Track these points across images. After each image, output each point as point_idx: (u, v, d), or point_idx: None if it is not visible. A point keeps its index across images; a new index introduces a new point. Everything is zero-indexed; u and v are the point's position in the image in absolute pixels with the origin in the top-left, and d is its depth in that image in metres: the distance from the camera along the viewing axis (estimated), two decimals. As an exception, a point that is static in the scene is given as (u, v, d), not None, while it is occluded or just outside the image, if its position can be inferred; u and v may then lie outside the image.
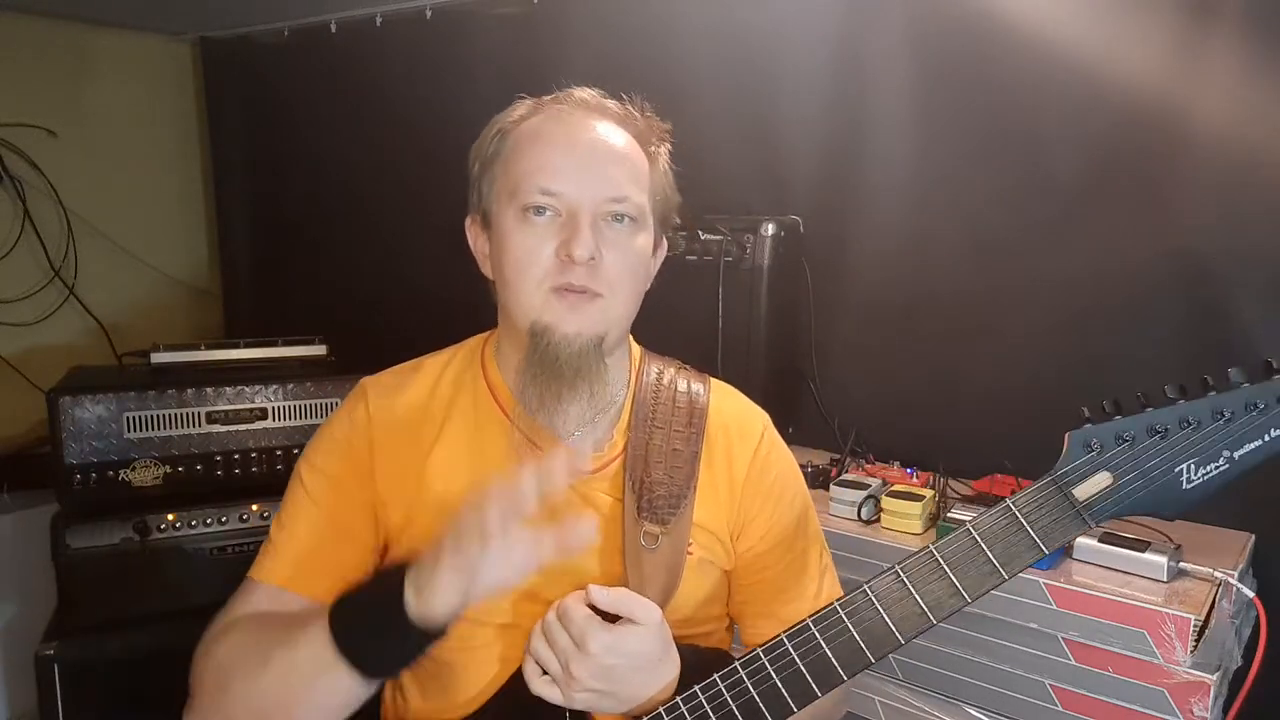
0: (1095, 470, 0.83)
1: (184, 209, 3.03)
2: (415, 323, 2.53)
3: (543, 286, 0.93)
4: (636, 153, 0.99)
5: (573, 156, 0.95)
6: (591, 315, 0.94)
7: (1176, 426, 0.81)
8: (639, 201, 0.97)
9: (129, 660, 1.79)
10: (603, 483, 1.01)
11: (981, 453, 1.69)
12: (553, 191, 0.93)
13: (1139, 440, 0.82)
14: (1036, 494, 0.84)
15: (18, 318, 2.57)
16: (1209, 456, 0.80)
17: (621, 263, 0.95)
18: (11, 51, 2.55)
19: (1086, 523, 0.82)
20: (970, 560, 0.83)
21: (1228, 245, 1.50)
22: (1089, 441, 0.83)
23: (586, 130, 0.97)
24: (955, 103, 1.75)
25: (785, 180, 1.97)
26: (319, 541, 0.99)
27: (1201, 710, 1.21)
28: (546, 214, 0.93)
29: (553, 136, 0.96)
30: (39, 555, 1.89)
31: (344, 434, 1.02)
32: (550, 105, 1.01)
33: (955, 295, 1.78)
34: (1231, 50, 1.46)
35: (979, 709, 1.40)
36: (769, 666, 0.86)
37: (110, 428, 1.84)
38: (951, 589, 0.83)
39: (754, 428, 1.10)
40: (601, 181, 0.94)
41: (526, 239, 0.94)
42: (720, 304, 1.76)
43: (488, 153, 1.01)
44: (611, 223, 0.95)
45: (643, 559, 0.96)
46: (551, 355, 0.93)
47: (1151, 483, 0.81)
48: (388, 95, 2.57)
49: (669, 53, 2.03)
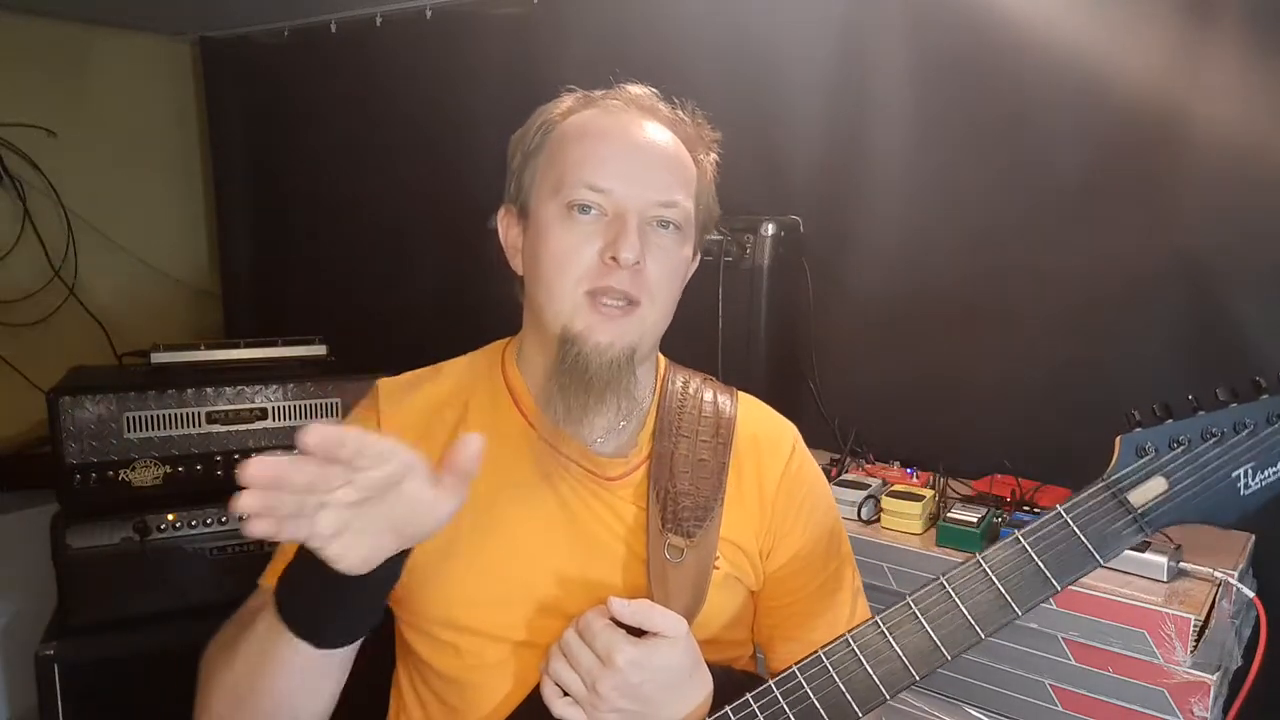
0: (1151, 475, 0.79)
1: (184, 209, 3.03)
2: (416, 323, 2.54)
3: (580, 288, 0.89)
4: (686, 158, 0.96)
5: (624, 154, 0.91)
6: (627, 326, 0.90)
7: (1232, 430, 0.78)
8: (686, 208, 0.93)
9: (129, 660, 1.79)
10: (627, 490, 0.97)
11: (981, 453, 1.69)
12: (601, 188, 0.89)
13: (1194, 444, 0.79)
14: (1089, 500, 0.80)
15: (18, 318, 2.57)
16: (1267, 461, 0.78)
17: (664, 271, 0.91)
18: (11, 51, 2.55)
19: (1144, 530, 0.79)
20: (1019, 570, 0.79)
21: (1228, 244, 1.50)
22: (1142, 445, 0.80)
23: (639, 129, 0.93)
24: (955, 103, 1.75)
25: (785, 180, 1.97)
26: None
27: (1201, 710, 1.21)
28: (592, 212, 0.89)
29: (604, 132, 0.92)
30: (39, 555, 1.89)
31: None
32: (601, 100, 0.96)
33: (955, 295, 1.78)
34: (1232, 50, 1.46)
35: (979, 709, 1.40)
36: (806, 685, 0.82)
37: (110, 428, 1.84)
38: (1000, 601, 0.79)
39: (784, 441, 1.06)
40: (652, 183, 0.90)
41: (569, 235, 0.89)
42: (720, 304, 1.76)
43: (531, 144, 0.96)
44: (658, 228, 0.91)
45: (667, 572, 0.91)
46: (582, 365, 0.89)
47: (1209, 488, 0.78)
48: (388, 95, 2.57)
49: (669, 52, 2.03)
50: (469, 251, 2.20)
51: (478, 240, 2.18)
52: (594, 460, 0.97)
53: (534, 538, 0.94)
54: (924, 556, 1.45)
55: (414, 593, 0.94)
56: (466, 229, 2.19)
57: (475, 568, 0.93)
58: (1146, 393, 1.58)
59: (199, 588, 1.84)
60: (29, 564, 2.15)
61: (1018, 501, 1.54)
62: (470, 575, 0.93)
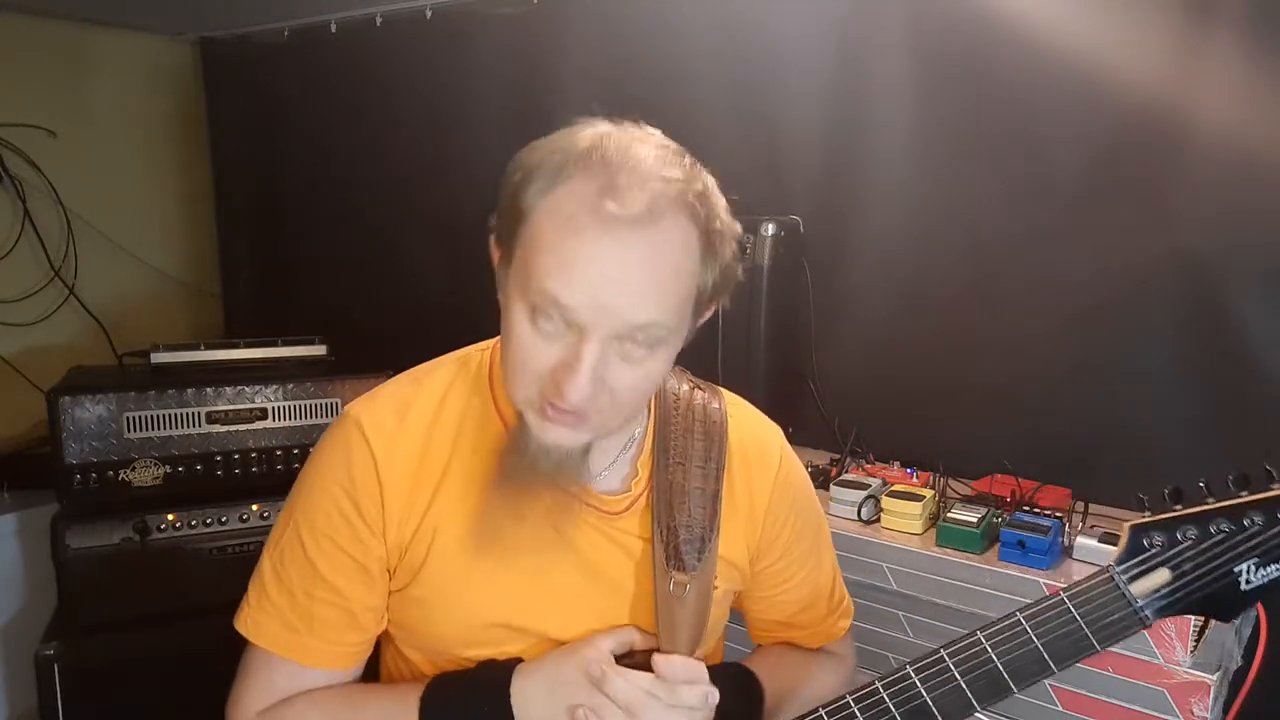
0: (1156, 567, 0.81)
1: (184, 209, 3.03)
2: (415, 323, 2.54)
3: (534, 387, 0.83)
4: (681, 256, 0.82)
5: (592, 267, 0.78)
6: (577, 433, 0.85)
7: (1239, 527, 0.79)
8: (666, 323, 0.82)
9: (129, 660, 1.79)
10: (631, 522, 0.97)
11: (981, 453, 1.69)
12: (562, 303, 0.78)
13: (1201, 539, 0.80)
14: (1093, 588, 0.82)
15: (18, 318, 2.57)
16: (1271, 557, 0.78)
17: (630, 381, 0.83)
18: (11, 51, 2.55)
19: (1144, 622, 0.80)
20: (1019, 651, 0.82)
21: (1228, 245, 1.50)
22: (1149, 536, 0.81)
23: (622, 249, 0.78)
24: (955, 103, 1.75)
25: (785, 180, 1.97)
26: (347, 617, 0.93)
27: (1201, 710, 1.21)
28: (555, 319, 0.80)
29: (580, 244, 0.78)
30: (39, 555, 1.89)
31: (345, 491, 0.92)
32: (596, 195, 0.79)
33: (955, 295, 1.78)
34: (1231, 50, 1.46)
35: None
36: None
37: (110, 428, 1.84)
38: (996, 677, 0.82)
39: (772, 449, 1.06)
40: (625, 309, 0.79)
41: (529, 338, 0.82)
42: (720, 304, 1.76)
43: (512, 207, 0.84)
44: (631, 346, 0.82)
45: (674, 610, 0.93)
46: (531, 459, 0.86)
47: (1212, 584, 0.79)
48: (388, 95, 2.57)
49: (669, 52, 2.03)
50: (469, 251, 2.20)
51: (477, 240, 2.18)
52: (596, 497, 0.96)
53: (543, 570, 0.94)
54: (924, 557, 1.45)
55: (424, 622, 0.94)
56: (466, 228, 2.19)
57: (481, 603, 0.93)
58: (1146, 393, 1.59)
59: (199, 588, 1.84)
60: (29, 564, 2.16)
61: (1018, 501, 1.54)
62: (482, 606, 0.93)
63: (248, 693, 0.93)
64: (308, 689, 0.93)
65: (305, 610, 0.92)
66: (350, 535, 0.91)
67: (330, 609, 0.92)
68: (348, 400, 1.99)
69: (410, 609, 0.94)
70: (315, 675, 0.93)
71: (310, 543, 0.92)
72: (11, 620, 2.15)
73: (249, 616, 0.94)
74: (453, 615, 0.93)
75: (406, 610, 0.95)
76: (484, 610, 0.93)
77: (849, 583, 1.14)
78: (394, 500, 0.91)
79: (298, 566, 0.93)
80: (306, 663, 0.92)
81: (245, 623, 0.94)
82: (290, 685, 0.93)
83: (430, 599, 0.93)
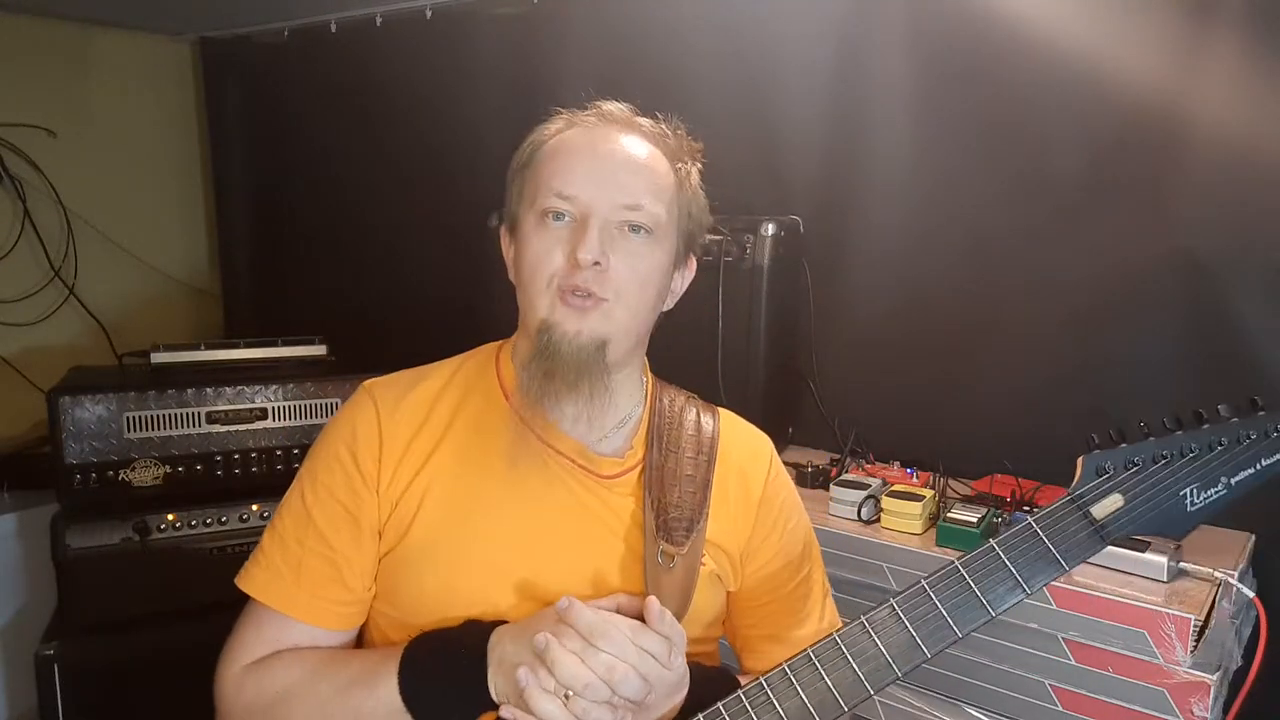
0: (1110, 492, 0.89)
1: (184, 209, 3.03)
2: (415, 323, 2.54)
3: (551, 287, 0.95)
4: (662, 167, 1.00)
5: (590, 162, 0.96)
6: (594, 319, 0.94)
7: (1179, 455, 0.89)
8: (655, 212, 0.97)
9: (129, 660, 1.79)
10: (624, 490, 1.01)
11: (981, 453, 1.69)
12: (566, 195, 0.95)
13: (1146, 465, 0.89)
14: (1058, 512, 0.89)
15: (18, 318, 2.57)
16: (1209, 482, 0.88)
17: (630, 271, 0.95)
18: (11, 51, 2.55)
19: (1103, 541, 0.88)
20: (993, 574, 0.87)
21: (1228, 245, 1.50)
22: (1101, 465, 0.89)
23: (609, 140, 0.99)
24: (955, 102, 1.75)
25: (785, 180, 1.97)
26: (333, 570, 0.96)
27: (1201, 710, 1.21)
28: (564, 219, 0.95)
29: (575, 146, 0.98)
30: (39, 555, 1.89)
31: (347, 446, 0.99)
32: (580, 118, 1.02)
33: (955, 295, 1.78)
34: (1232, 50, 1.46)
35: (979, 709, 1.40)
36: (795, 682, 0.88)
37: (110, 428, 1.84)
38: (975, 602, 0.87)
39: (764, 453, 1.12)
40: (616, 187, 0.95)
41: (542, 241, 0.95)
42: (720, 304, 1.76)
43: (519, 164, 1.03)
44: (627, 232, 0.96)
45: (660, 577, 0.96)
46: (553, 350, 0.94)
47: (1160, 505, 0.88)
48: (388, 95, 2.57)
49: (669, 52, 2.03)
50: (468, 251, 2.20)
51: (477, 240, 2.18)
52: (589, 458, 1.01)
53: (532, 530, 0.97)
54: (924, 556, 1.45)
55: (410, 583, 0.96)
56: (466, 229, 2.19)
57: (473, 559, 0.95)
58: (1146, 393, 1.60)
59: (199, 588, 1.84)
60: (29, 564, 2.16)
61: (1018, 501, 1.54)
62: (468, 566, 0.95)
63: (238, 646, 0.97)
64: (295, 645, 0.96)
65: (296, 559, 0.97)
66: (346, 486, 0.98)
67: (318, 559, 0.96)
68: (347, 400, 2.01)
69: (398, 572, 0.97)
70: (302, 630, 0.96)
71: (310, 494, 0.99)
72: (11, 620, 2.15)
73: (246, 569, 1.00)
74: (439, 576, 0.95)
75: (395, 574, 0.97)
76: (470, 570, 0.95)
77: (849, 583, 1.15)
78: (390, 456, 0.98)
79: (294, 516, 0.99)
80: (292, 614, 0.96)
81: (242, 575, 1.00)
82: (278, 638, 0.96)
83: (417, 560, 0.96)
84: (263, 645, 0.96)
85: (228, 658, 0.97)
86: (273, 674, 0.94)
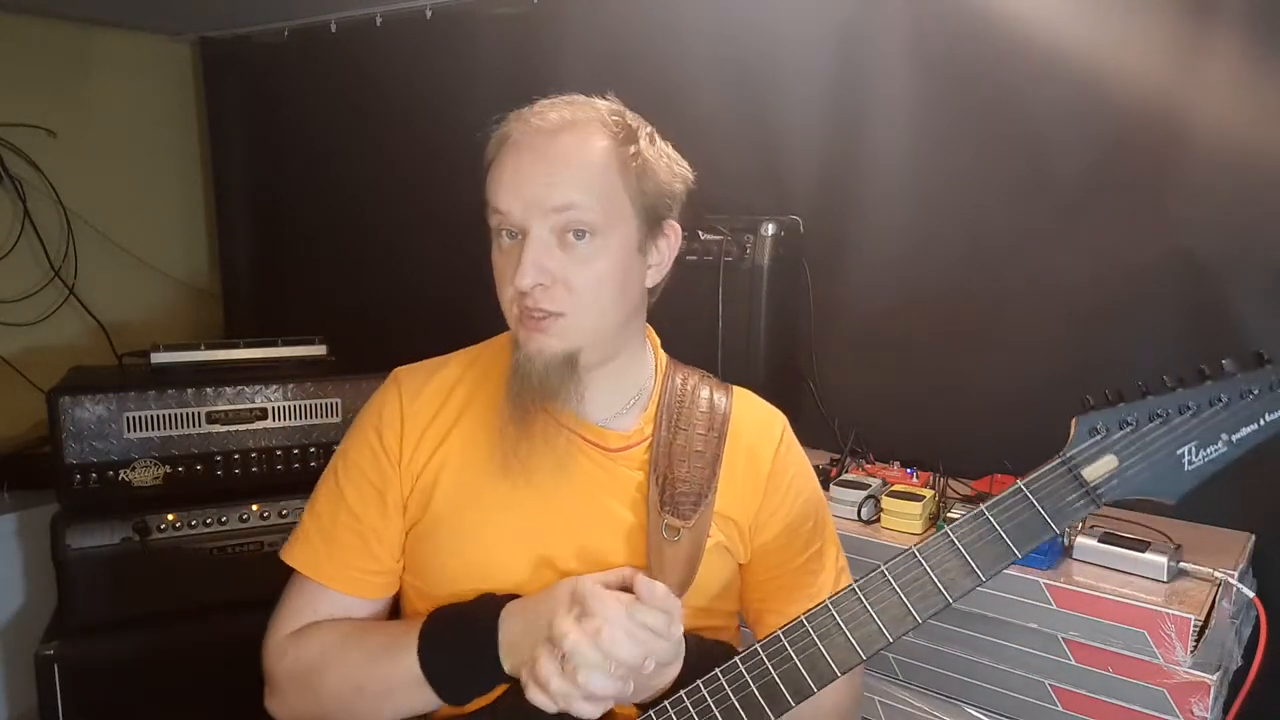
0: (1102, 453, 0.86)
1: (184, 209, 3.03)
2: (415, 323, 2.54)
3: (513, 307, 0.96)
4: (595, 155, 0.95)
5: (514, 173, 0.94)
6: (553, 336, 0.95)
7: (1176, 412, 0.85)
8: (592, 206, 0.93)
9: (129, 660, 1.79)
10: (630, 464, 1.03)
11: (981, 453, 1.69)
12: (500, 210, 0.95)
13: (1141, 424, 0.86)
14: (1047, 475, 0.86)
15: (18, 318, 2.57)
16: (1208, 440, 0.84)
17: (581, 277, 0.94)
18: (11, 51, 2.55)
19: (1095, 503, 0.85)
20: (983, 540, 0.86)
21: (1228, 245, 1.50)
22: (1094, 426, 0.87)
23: (531, 147, 0.95)
24: (955, 103, 1.75)
25: (785, 180, 1.97)
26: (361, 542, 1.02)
27: (1201, 710, 1.21)
28: (515, 235, 0.95)
29: (502, 159, 0.97)
30: (39, 555, 1.89)
31: (375, 427, 1.05)
32: (513, 124, 0.99)
33: (955, 295, 1.78)
34: (1231, 50, 1.46)
35: (979, 709, 1.40)
36: (766, 661, 0.88)
37: (110, 428, 1.84)
38: (966, 568, 0.85)
39: (775, 426, 1.13)
40: (542, 192, 0.92)
41: (498, 262, 0.97)
42: (720, 304, 1.76)
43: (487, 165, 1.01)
44: (570, 239, 0.93)
45: (664, 549, 0.98)
46: (524, 373, 0.96)
47: (1155, 465, 0.85)
48: (388, 95, 2.57)
49: (669, 53, 2.03)
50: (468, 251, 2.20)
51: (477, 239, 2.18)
52: (597, 432, 1.03)
53: (541, 504, 1.00)
54: (924, 556, 1.45)
55: (430, 555, 1.02)
56: (466, 228, 2.19)
57: (484, 532, 1.00)
58: (1146, 393, 1.59)
59: (199, 588, 1.84)
60: (29, 564, 2.16)
61: (1018, 501, 1.54)
62: (480, 539, 1.00)
63: (282, 617, 1.04)
64: (330, 615, 1.02)
65: (328, 532, 1.03)
66: (373, 464, 1.03)
67: (347, 532, 1.03)
68: (348, 400, 2.03)
69: (421, 544, 1.02)
70: (335, 598, 1.02)
71: (342, 473, 1.05)
72: (11, 620, 2.15)
73: (287, 544, 1.06)
74: (454, 548, 1.00)
75: (418, 547, 1.02)
76: (483, 543, 1.00)
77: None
78: (412, 435, 1.04)
79: (328, 494, 1.06)
80: (325, 582, 1.02)
81: (284, 549, 1.06)
82: (315, 607, 1.03)
83: (435, 534, 1.01)
84: (302, 614, 1.03)
85: (273, 627, 1.04)
86: (309, 642, 1.00)
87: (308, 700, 0.99)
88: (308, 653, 0.99)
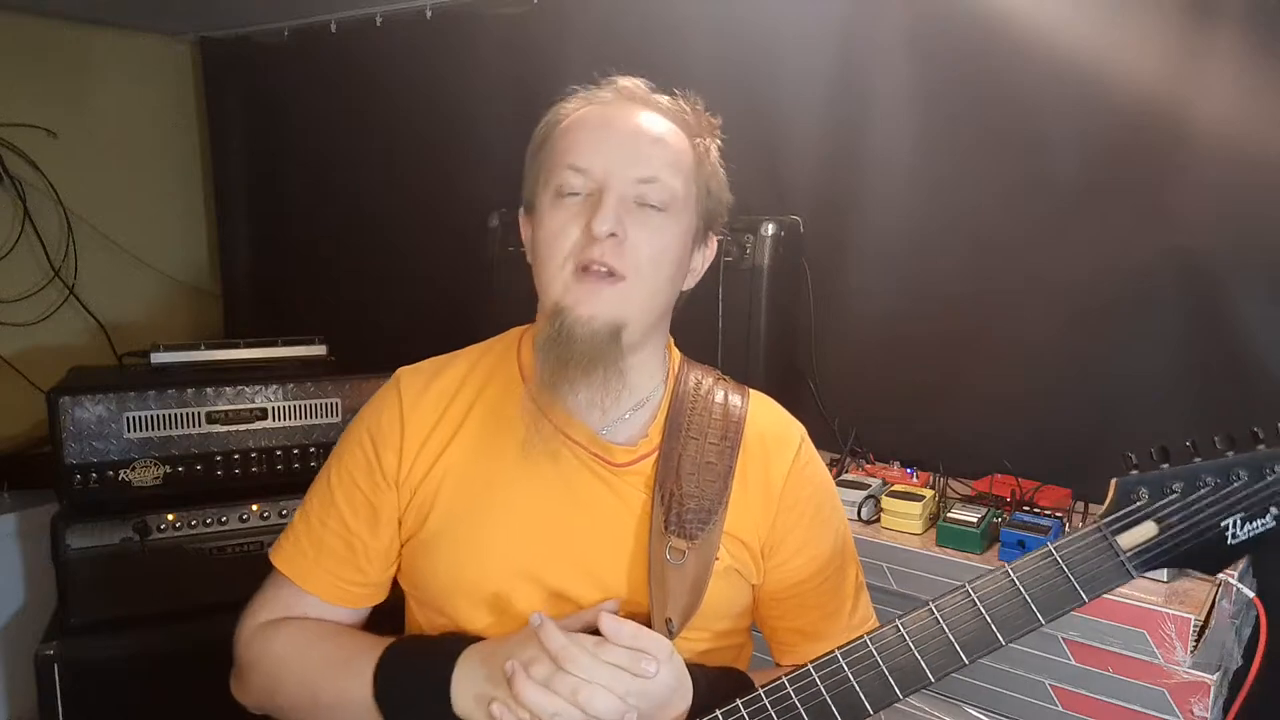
0: (1142, 520, 0.81)
1: (184, 209, 3.03)
2: (415, 323, 2.54)
3: (567, 265, 0.93)
4: (679, 141, 0.99)
5: (606, 136, 0.95)
6: (609, 300, 0.92)
7: (1225, 480, 0.79)
8: (672, 186, 0.95)
9: (129, 660, 1.79)
10: (636, 479, 0.99)
11: (981, 453, 1.69)
12: (580, 168, 0.93)
13: (1187, 492, 0.80)
14: (1080, 540, 0.82)
15: (18, 318, 2.57)
16: (1257, 512, 0.79)
17: (651, 247, 0.93)
18: (11, 51, 2.55)
19: (1130, 574, 0.81)
20: (1007, 603, 0.82)
21: (1228, 245, 1.50)
22: (1135, 490, 0.82)
23: (624, 115, 0.98)
24: (955, 103, 1.75)
25: (785, 180, 1.97)
26: (349, 552, 1.00)
27: (1201, 710, 1.21)
28: (578, 195, 0.94)
29: (590, 121, 0.97)
30: (39, 555, 1.89)
31: (371, 437, 1.02)
32: (597, 95, 1.01)
33: (955, 295, 1.78)
34: (1232, 50, 1.46)
35: (979, 709, 1.40)
36: (793, 696, 0.85)
37: (110, 428, 1.83)
38: (985, 630, 0.82)
39: (792, 439, 1.07)
40: (632, 160, 0.94)
41: (557, 217, 0.94)
42: (720, 304, 1.76)
43: (535, 145, 1.02)
44: (645, 207, 0.94)
45: (667, 574, 0.93)
46: (566, 335, 0.91)
47: (1198, 536, 0.80)
48: (388, 95, 2.57)
49: (669, 53, 2.03)
50: (469, 251, 2.20)
51: (477, 239, 2.19)
52: (602, 445, 0.99)
53: (540, 520, 0.97)
54: (924, 556, 1.45)
55: (425, 568, 0.99)
56: (466, 228, 2.19)
57: (481, 547, 0.96)
58: (1146, 394, 1.60)
59: (199, 588, 1.84)
60: (29, 564, 2.16)
61: (1018, 501, 1.54)
62: (476, 554, 0.96)
63: (259, 605, 1.03)
64: (304, 614, 1.01)
65: (317, 536, 1.01)
66: (367, 474, 1.01)
67: (336, 539, 1.01)
68: (348, 400, 2.02)
69: (419, 558, 0.99)
70: (312, 602, 1.01)
71: (335, 476, 1.03)
72: (11, 620, 2.15)
73: (277, 541, 1.05)
74: (450, 562, 0.97)
75: (415, 561, 1.00)
76: (478, 559, 0.96)
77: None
78: (411, 446, 1.00)
79: (320, 496, 1.03)
80: (310, 590, 1.00)
81: (273, 549, 1.04)
82: (290, 605, 1.01)
83: (436, 545, 0.98)
84: (277, 609, 1.02)
85: (247, 613, 1.03)
86: (277, 637, 0.99)
87: (268, 692, 0.98)
88: (272, 647, 0.98)
